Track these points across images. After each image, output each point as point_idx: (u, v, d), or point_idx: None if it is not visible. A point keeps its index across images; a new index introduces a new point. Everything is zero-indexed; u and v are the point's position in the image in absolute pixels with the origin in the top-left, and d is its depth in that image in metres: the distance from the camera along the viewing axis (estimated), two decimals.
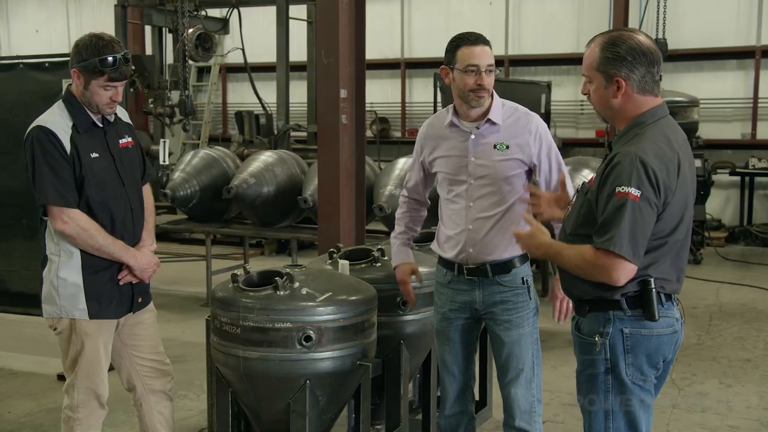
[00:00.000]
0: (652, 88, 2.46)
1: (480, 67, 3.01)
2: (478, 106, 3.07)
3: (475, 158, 3.09)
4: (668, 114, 2.51)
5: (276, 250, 9.77)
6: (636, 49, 2.42)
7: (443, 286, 3.23)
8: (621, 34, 2.46)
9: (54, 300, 3.10)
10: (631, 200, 2.28)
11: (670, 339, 2.47)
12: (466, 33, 3.10)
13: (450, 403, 3.29)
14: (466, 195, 3.10)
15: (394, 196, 6.19)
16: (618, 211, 2.29)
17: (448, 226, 3.17)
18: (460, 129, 3.13)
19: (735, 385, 5.12)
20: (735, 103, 11.25)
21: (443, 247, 3.19)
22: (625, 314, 2.43)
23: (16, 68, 5.02)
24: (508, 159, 3.06)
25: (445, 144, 3.16)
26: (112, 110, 3.15)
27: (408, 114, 13.23)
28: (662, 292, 2.44)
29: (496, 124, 3.08)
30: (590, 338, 2.47)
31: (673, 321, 2.48)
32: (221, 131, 14.19)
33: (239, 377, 3.08)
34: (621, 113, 2.48)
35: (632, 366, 2.44)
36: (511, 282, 3.10)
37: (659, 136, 2.40)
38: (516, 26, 12.38)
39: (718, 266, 9.04)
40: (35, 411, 4.58)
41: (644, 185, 2.29)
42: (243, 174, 6.89)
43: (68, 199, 3.01)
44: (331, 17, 4.98)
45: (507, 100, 3.18)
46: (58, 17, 15.55)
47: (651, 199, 2.30)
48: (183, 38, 8.74)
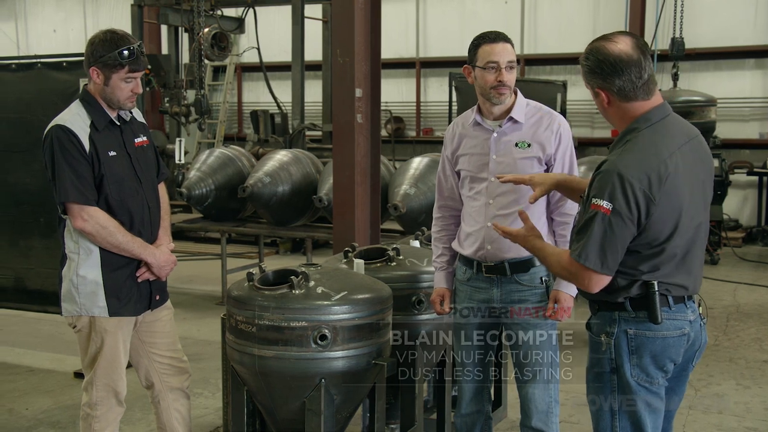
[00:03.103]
0: (636, 94, 2.40)
1: (500, 64, 3.02)
2: (499, 103, 3.08)
3: (496, 156, 3.10)
4: (668, 114, 2.46)
5: (291, 249, 9.80)
6: (604, 61, 2.39)
7: (462, 284, 3.23)
8: (594, 45, 2.44)
9: (74, 298, 3.12)
10: (602, 213, 2.32)
11: (677, 341, 2.45)
12: (487, 32, 3.11)
13: (466, 402, 3.29)
14: (486, 192, 3.11)
15: (408, 195, 6.19)
16: (589, 222, 2.35)
17: (468, 223, 3.19)
18: (483, 127, 3.14)
19: (753, 386, 5.08)
20: (753, 103, 11.17)
21: (463, 244, 3.20)
22: (629, 315, 2.44)
23: (34, 68, 5.07)
24: (529, 157, 3.07)
25: (469, 142, 3.18)
26: (133, 104, 3.18)
27: (423, 113, 13.23)
28: (669, 296, 2.42)
29: (519, 122, 3.09)
30: (598, 337, 2.49)
31: (683, 323, 2.45)
32: (236, 130, 14.25)
33: (254, 376, 3.09)
34: (616, 119, 2.49)
35: (637, 367, 2.44)
36: (529, 281, 3.10)
37: (647, 144, 2.37)
38: (532, 25, 12.35)
39: (735, 267, 8.97)
40: (53, 408, 4.62)
41: (617, 199, 2.30)
42: (258, 173, 6.91)
43: (88, 197, 3.03)
44: (347, 16, 4.99)
45: (532, 100, 3.19)
46: (76, 17, 15.67)
47: (623, 213, 2.30)
48: (199, 37, 8.77)
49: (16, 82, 5.11)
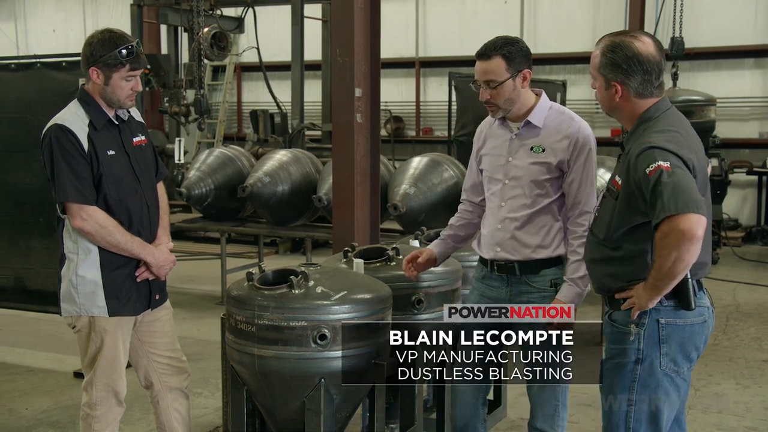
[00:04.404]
0: (651, 92, 2.50)
1: (479, 83, 3.03)
2: (494, 118, 3.10)
3: (511, 158, 3.09)
4: (671, 106, 2.55)
5: (290, 249, 9.80)
6: (632, 58, 2.46)
7: (477, 281, 3.26)
8: (622, 39, 2.50)
9: (73, 298, 3.12)
10: (665, 171, 2.31)
11: (701, 328, 2.50)
12: (483, 45, 3.06)
13: (462, 402, 3.29)
14: (500, 194, 3.11)
15: (408, 195, 6.19)
16: (657, 184, 2.31)
17: (485, 224, 3.21)
18: (505, 128, 3.13)
19: (752, 386, 5.08)
20: (752, 102, 11.17)
21: (479, 244, 3.23)
22: (661, 304, 2.45)
23: (34, 68, 5.08)
24: (542, 162, 3.03)
25: (491, 142, 3.17)
26: (133, 102, 3.18)
27: (422, 113, 13.22)
28: (696, 279, 2.47)
29: (536, 126, 3.05)
30: (625, 327, 2.49)
31: (704, 310, 2.51)
32: (236, 130, 14.25)
33: (254, 375, 3.09)
34: (623, 113, 2.55)
35: (666, 356, 2.46)
36: (539, 284, 3.09)
37: (668, 124, 2.45)
38: (531, 25, 12.34)
39: (734, 266, 8.98)
40: (52, 408, 4.62)
41: (669, 158, 2.33)
42: (258, 173, 6.91)
43: (87, 197, 3.03)
44: (347, 16, 4.99)
45: (557, 104, 3.15)
46: (75, 17, 15.67)
47: (681, 166, 2.33)
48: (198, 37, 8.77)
49: (16, 82, 5.11)
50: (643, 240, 2.47)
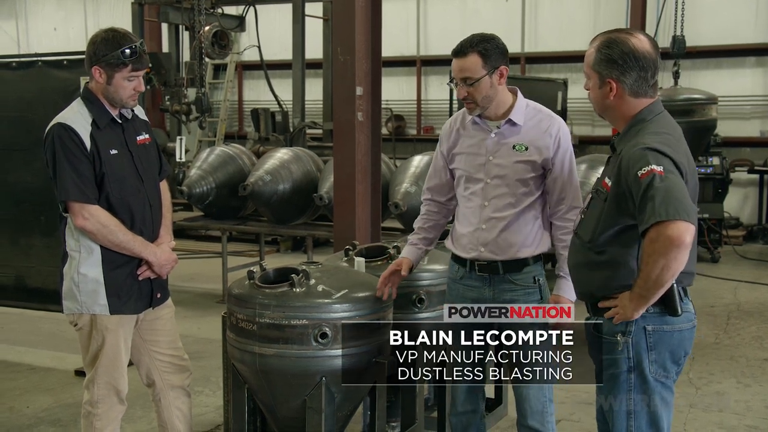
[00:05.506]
0: (645, 91, 2.48)
1: (456, 80, 3.02)
2: (471, 115, 3.08)
3: (493, 158, 3.07)
4: (664, 110, 2.53)
5: (291, 248, 9.80)
6: (628, 54, 2.43)
7: (455, 282, 3.22)
8: (618, 36, 2.47)
9: (75, 296, 3.12)
10: (657, 175, 2.28)
11: (690, 333, 2.49)
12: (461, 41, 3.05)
13: (460, 401, 3.28)
14: (482, 194, 3.08)
15: (409, 193, 6.19)
16: (647, 189, 2.28)
17: (463, 223, 3.16)
18: (481, 127, 3.11)
19: (753, 384, 5.08)
20: (754, 101, 11.16)
21: (456, 244, 3.18)
22: (647, 311, 2.43)
23: (35, 66, 5.08)
24: (526, 161, 3.03)
25: (466, 141, 3.14)
26: (135, 102, 3.18)
27: (423, 111, 13.22)
28: (681, 286, 2.44)
29: (517, 124, 3.05)
30: (612, 337, 2.47)
31: (692, 315, 2.50)
32: (237, 129, 14.25)
33: (255, 374, 3.09)
34: (615, 113, 2.51)
35: (655, 363, 2.45)
36: (522, 281, 3.08)
37: (661, 127, 2.44)
38: (532, 23, 12.33)
39: (736, 265, 8.97)
40: (54, 406, 4.62)
41: (663, 161, 2.30)
42: (259, 171, 6.91)
43: (89, 196, 3.03)
44: (348, 15, 4.99)
45: (532, 101, 3.15)
46: (76, 15, 15.67)
47: (674, 171, 2.31)
48: (199, 36, 8.77)
49: (17, 81, 5.12)
50: (628, 244, 2.44)
